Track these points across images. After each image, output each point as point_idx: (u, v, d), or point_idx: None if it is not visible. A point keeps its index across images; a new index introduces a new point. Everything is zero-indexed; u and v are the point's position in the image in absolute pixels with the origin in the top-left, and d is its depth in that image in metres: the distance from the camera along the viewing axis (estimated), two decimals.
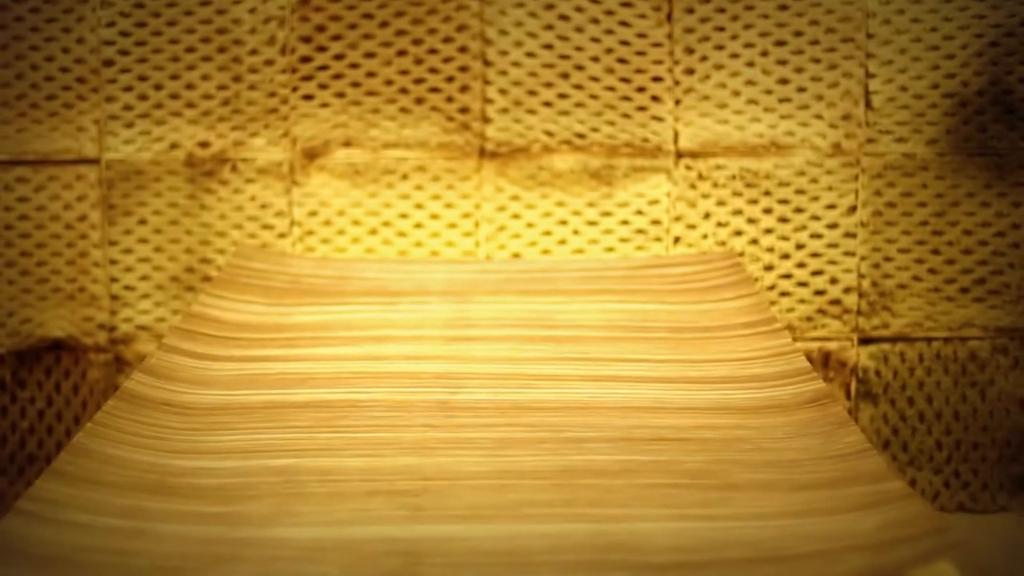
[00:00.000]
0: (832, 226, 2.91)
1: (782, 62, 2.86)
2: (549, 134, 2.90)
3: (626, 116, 2.89)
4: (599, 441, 1.74)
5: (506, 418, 1.83)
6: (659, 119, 2.89)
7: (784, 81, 2.87)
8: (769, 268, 2.92)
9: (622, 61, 2.88)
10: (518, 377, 2.00)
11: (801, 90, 2.87)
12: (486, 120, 2.89)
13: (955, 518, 2.98)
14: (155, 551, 1.43)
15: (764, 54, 2.86)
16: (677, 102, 2.89)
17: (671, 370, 2.05)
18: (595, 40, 2.87)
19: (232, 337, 2.21)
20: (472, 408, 1.87)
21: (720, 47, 2.87)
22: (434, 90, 2.89)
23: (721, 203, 2.91)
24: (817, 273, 2.93)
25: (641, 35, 2.87)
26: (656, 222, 2.91)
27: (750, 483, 1.60)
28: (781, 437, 1.75)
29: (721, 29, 2.86)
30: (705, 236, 2.91)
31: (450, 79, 2.89)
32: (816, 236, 2.91)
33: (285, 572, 1.39)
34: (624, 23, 2.87)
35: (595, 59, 2.88)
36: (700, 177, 2.90)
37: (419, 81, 2.89)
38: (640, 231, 2.92)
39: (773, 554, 1.41)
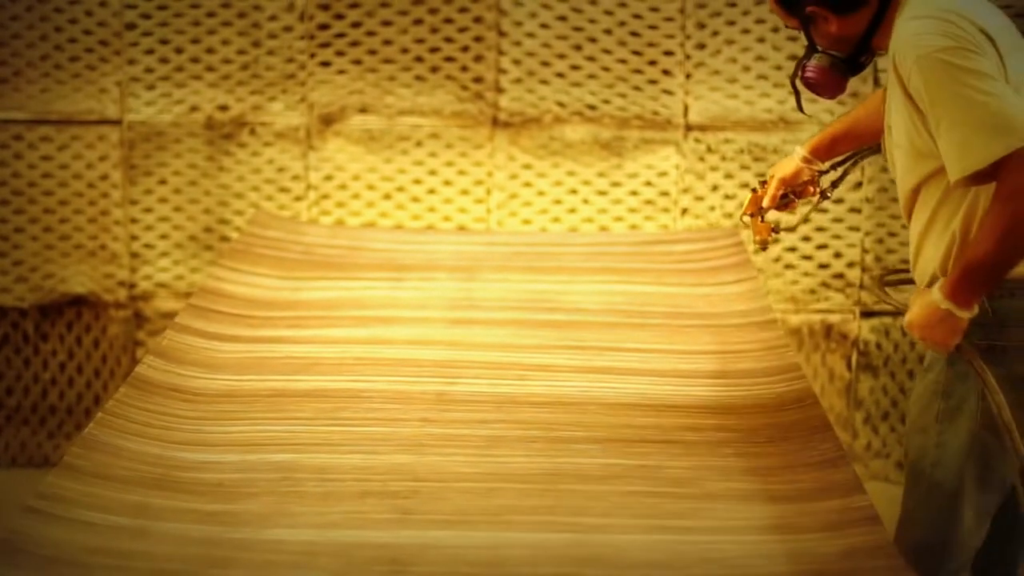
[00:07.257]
0: (837, 201, 2.95)
1: (792, 39, 2.89)
2: (561, 105, 2.94)
3: (637, 89, 2.93)
4: (587, 442, 1.81)
5: (500, 413, 1.90)
6: (669, 92, 2.93)
7: (794, 58, 2.90)
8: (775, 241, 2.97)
9: (634, 34, 2.92)
10: (515, 367, 2.07)
11: None
12: (499, 90, 2.94)
13: None
14: (156, 552, 1.51)
15: (775, 30, 2.89)
16: (688, 76, 2.93)
17: (664, 362, 2.11)
18: (608, 13, 2.91)
19: (243, 315, 2.28)
20: (468, 401, 1.94)
21: (731, 22, 2.90)
22: (449, 59, 2.94)
23: (729, 176, 2.96)
24: (822, 247, 2.98)
25: (653, 8, 2.91)
26: (665, 193, 2.97)
27: (727, 493, 1.67)
28: (762, 441, 1.82)
29: (733, 4, 2.90)
30: (712, 208, 2.97)
31: (465, 49, 2.93)
32: (821, 210, 2.95)
33: None
34: None
35: (608, 32, 2.92)
36: (709, 150, 2.95)
37: (434, 50, 2.93)
38: (649, 202, 2.97)
39: (738, 572, 1.48)
